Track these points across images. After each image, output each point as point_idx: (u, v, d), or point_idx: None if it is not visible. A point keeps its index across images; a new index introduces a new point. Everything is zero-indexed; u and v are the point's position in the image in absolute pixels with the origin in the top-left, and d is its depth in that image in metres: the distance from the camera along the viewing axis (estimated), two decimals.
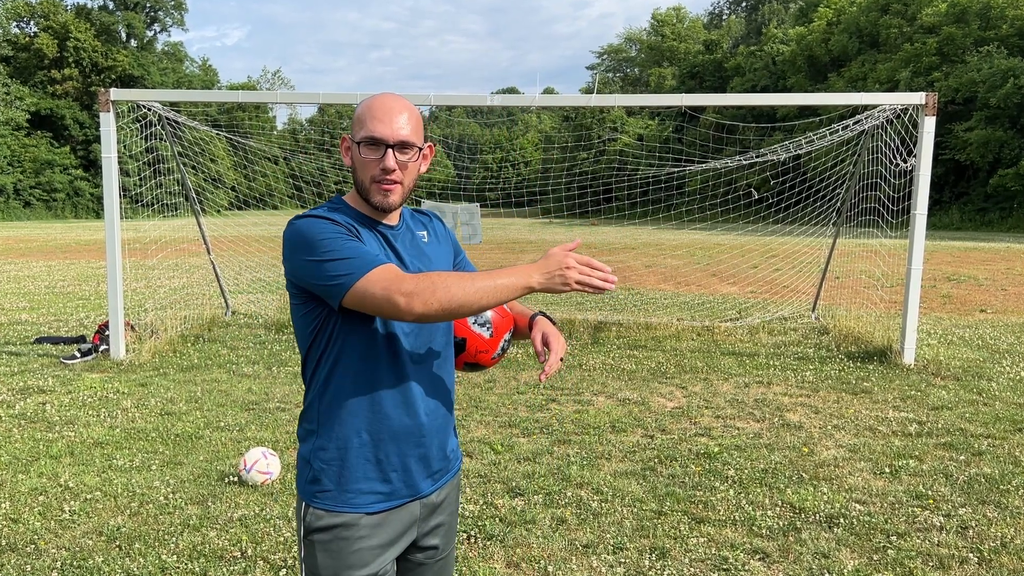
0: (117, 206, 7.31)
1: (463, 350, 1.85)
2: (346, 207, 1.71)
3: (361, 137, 1.63)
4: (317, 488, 1.67)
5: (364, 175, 1.65)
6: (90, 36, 52.33)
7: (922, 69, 34.59)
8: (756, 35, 57.66)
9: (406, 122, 1.64)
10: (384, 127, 1.62)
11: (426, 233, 1.82)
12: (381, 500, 1.67)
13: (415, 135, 1.66)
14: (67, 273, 15.61)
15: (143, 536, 3.61)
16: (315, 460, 1.68)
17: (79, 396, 6.08)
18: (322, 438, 1.68)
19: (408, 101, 1.69)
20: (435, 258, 1.79)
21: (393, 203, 1.67)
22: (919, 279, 7.27)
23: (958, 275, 14.45)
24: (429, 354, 1.72)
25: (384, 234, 1.71)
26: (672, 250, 19.44)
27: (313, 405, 1.71)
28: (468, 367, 1.89)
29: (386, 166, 1.62)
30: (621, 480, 4.32)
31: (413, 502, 1.72)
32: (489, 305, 1.53)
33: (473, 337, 1.85)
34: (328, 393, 1.67)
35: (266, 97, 11.22)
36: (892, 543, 3.54)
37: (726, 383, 6.63)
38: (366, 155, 1.63)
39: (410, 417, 1.68)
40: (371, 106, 1.64)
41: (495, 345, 1.87)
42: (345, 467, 1.65)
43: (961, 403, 5.94)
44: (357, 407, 1.65)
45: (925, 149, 7.09)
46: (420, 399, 1.70)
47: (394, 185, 1.65)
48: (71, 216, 47.61)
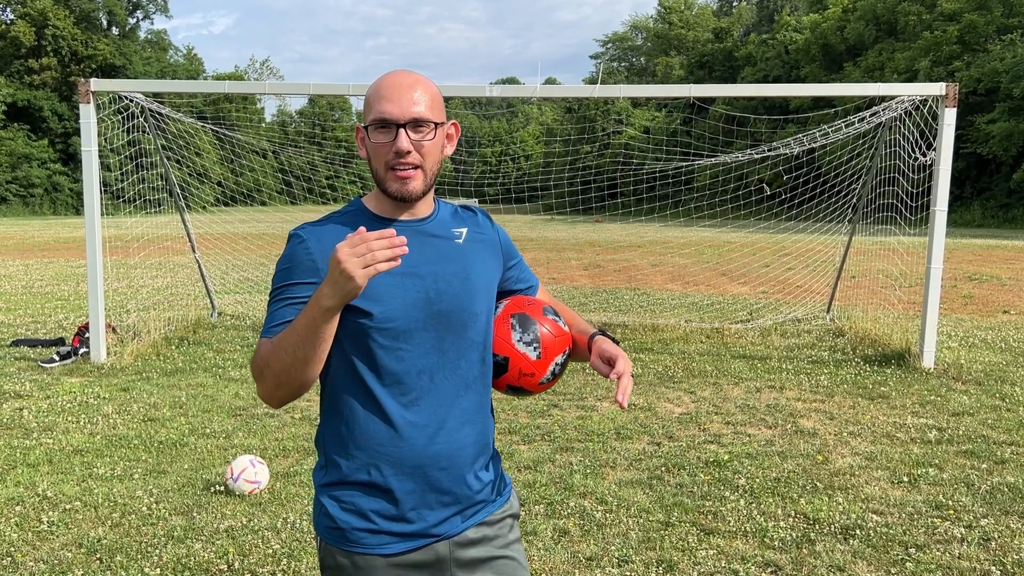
0: (98, 202, 7.31)
1: (505, 371, 1.68)
2: (357, 212, 1.62)
3: (371, 120, 1.53)
4: (328, 524, 1.59)
5: (378, 162, 1.55)
6: (69, 24, 52.35)
7: (942, 58, 34.61)
8: (768, 23, 57.68)
9: (419, 97, 1.53)
10: (393, 105, 1.51)
11: (464, 231, 1.68)
12: (398, 540, 1.57)
13: (431, 111, 1.54)
14: (45, 272, 15.61)
15: (125, 548, 3.61)
16: (324, 495, 1.60)
17: (58, 401, 6.08)
18: (330, 472, 1.60)
19: (422, 75, 1.58)
20: (469, 261, 1.65)
21: (413, 190, 1.55)
22: (939, 279, 7.27)
23: (980, 274, 14.45)
24: (456, 371, 1.60)
25: (415, 234, 1.60)
26: (680, 248, 19.44)
27: (321, 437, 1.64)
28: (512, 390, 1.72)
29: (399, 148, 1.51)
30: (626, 489, 4.33)
31: (439, 542, 1.60)
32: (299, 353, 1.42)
33: (517, 357, 1.67)
34: (332, 425, 1.60)
35: (254, 88, 11.23)
36: (911, 556, 3.54)
37: (736, 388, 6.63)
38: (377, 139, 1.53)
39: (429, 447, 1.56)
40: (379, 85, 1.55)
41: (543, 368, 1.68)
42: (356, 505, 1.57)
43: (983, 409, 5.94)
44: (365, 439, 1.56)
45: (945, 142, 7.09)
46: (443, 427, 1.58)
47: (412, 170, 1.54)
48: (49, 212, 47.61)
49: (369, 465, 1.56)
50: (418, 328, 1.55)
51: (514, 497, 1.77)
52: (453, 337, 1.59)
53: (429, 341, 1.57)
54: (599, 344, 1.69)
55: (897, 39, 39.13)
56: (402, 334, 1.54)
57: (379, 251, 1.33)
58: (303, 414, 5.77)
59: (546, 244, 21.68)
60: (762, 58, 49.00)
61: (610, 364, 1.63)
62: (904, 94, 7.65)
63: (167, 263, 11.47)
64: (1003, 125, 31.08)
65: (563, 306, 1.84)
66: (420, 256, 1.58)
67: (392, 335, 1.54)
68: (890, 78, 35.73)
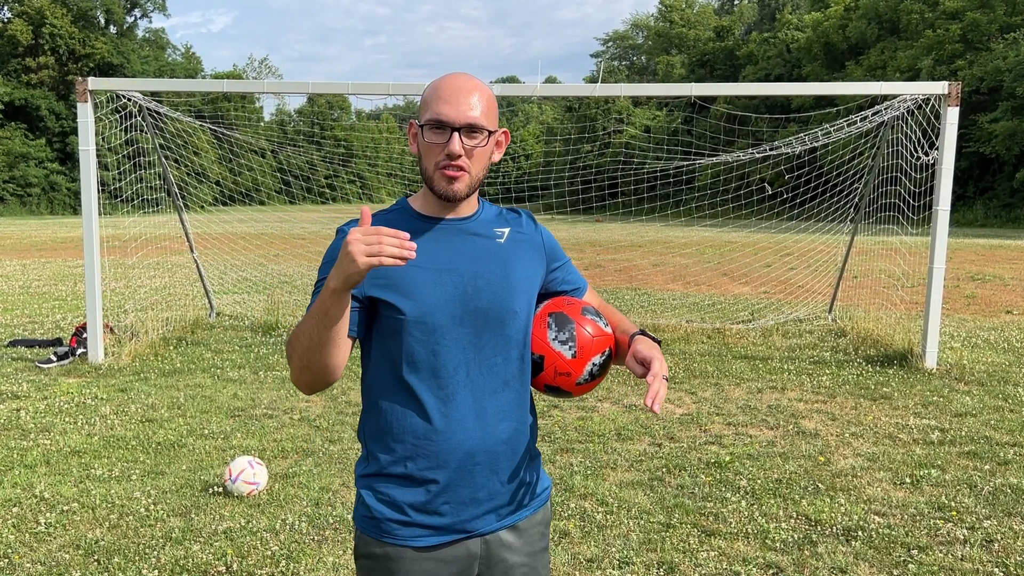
0: (95, 202, 7.31)
1: (541, 370, 1.69)
2: (402, 211, 1.68)
3: (426, 120, 1.58)
4: (364, 513, 1.64)
5: (428, 161, 1.60)
6: (67, 22, 52.32)
7: (945, 57, 34.60)
8: (770, 21, 57.69)
9: (476, 102, 1.58)
10: (450, 108, 1.56)
11: (507, 231, 1.72)
12: (431, 534, 1.60)
13: (486, 118, 1.59)
14: (42, 272, 15.62)
15: (122, 550, 3.61)
16: (361, 484, 1.66)
17: (55, 402, 6.08)
18: (369, 464, 1.65)
19: (479, 81, 1.62)
20: (509, 261, 1.68)
21: (458, 191, 1.60)
22: (942, 279, 7.27)
23: (983, 274, 14.45)
24: (492, 368, 1.63)
25: (448, 233, 1.65)
26: (681, 248, 19.45)
27: (361, 429, 1.69)
28: (550, 390, 1.72)
29: (451, 151, 1.56)
30: (627, 491, 4.33)
31: (471, 539, 1.63)
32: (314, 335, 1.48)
33: (552, 356, 1.67)
34: (372, 417, 1.65)
35: (253, 87, 11.22)
36: (913, 557, 3.54)
37: (738, 388, 6.63)
38: (430, 139, 1.58)
39: (465, 443, 1.59)
40: (438, 86, 1.60)
41: (579, 369, 1.67)
42: (391, 496, 1.60)
43: (986, 409, 5.94)
44: (401, 433, 1.60)
45: (948, 141, 7.09)
46: (479, 422, 1.61)
47: (460, 172, 1.59)
48: (47, 212, 47.60)
49: (405, 458, 1.60)
50: (454, 324, 1.59)
51: (549, 504, 1.79)
52: (490, 334, 1.62)
53: (466, 337, 1.60)
54: (636, 344, 1.68)
55: (899, 37, 39.12)
56: (438, 329, 1.58)
57: (387, 245, 1.36)
58: (302, 415, 5.77)
59: None
60: (764, 57, 48.98)
61: (644, 365, 1.62)
62: (906, 93, 7.65)
63: (165, 263, 11.48)
64: (1006, 124, 31.06)
65: (610, 308, 1.85)
66: (459, 253, 1.63)
67: (428, 330, 1.58)
68: (892, 77, 35.72)
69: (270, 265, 14.88)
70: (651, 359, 1.60)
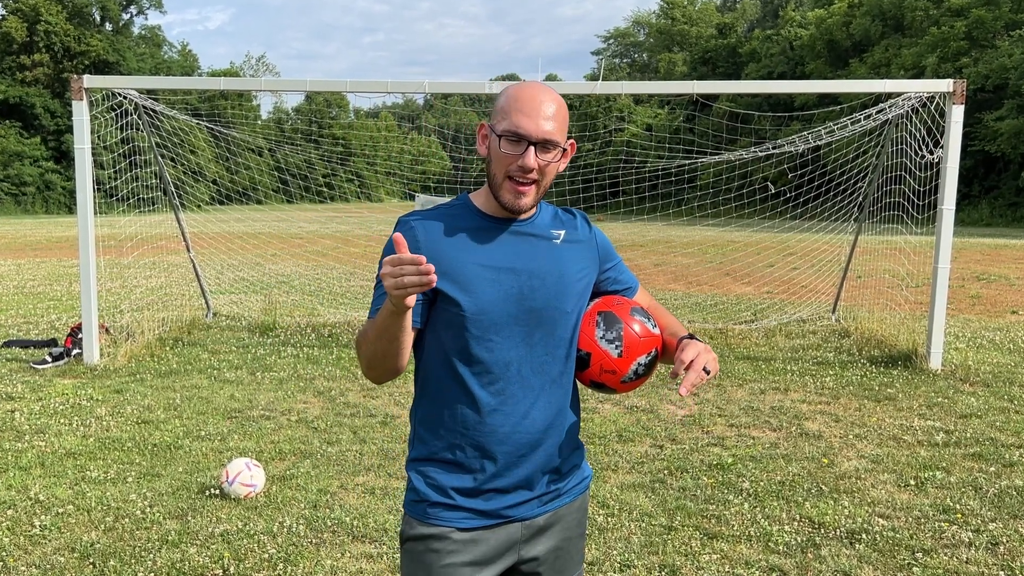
0: (91, 201, 7.31)
1: (587, 366, 1.76)
2: (463, 207, 1.72)
3: (503, 130, 1.61)
4: (413, 497, 1.72)
5: (498, 169, 1.64)
6: (62, 19, 52.30)
7: (950, 54, 34.60)
8: (772, 18, 57.67)
9: (553, 116, 1.62)
10: (530, 122, 1.60)
11: (563, 233, 1.78)
12: (474, 517, 1.68)
13: (560, 132, 1.63)
14: (37, 272, 15.62)
15: (118, 553, 3.61)
16: (410, 468, 1.74)
17: (50, 403, 6.09)
18: (418, 447, 1.73)
19: (556, 93, 1.65)
20: (564, 262, 1.74)
21: (525, 205, 1.66)
22: (946, 278, 7.27)
23: (988, 274, 14.45)
24: (542, 366, 1.70)
25: (509, 234, 1.70)
26: (683, 247, 19.45)
27: (415, 412, 1.77)
28: (595, 386, 1.79)
29: (525, 164, 1.60)
30: (628, 493, 4.33)
31: (512, 524, 1.71)
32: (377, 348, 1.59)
33: (598, 353, 1.74)
34: (424, 404, 1.73)
35: (250, 84, 11.25)
36: (917, 560, 3.55)
37: (740, 389, 6.64)
38: (506, 150, 1.61)
39: (512, 435, 1.67)
40: (518, 96, 1.63)
41: (625, 367, 1.74)
42: (439, 480, 1.69)
43: (991, 411, 5.94)
44: (451, 421, 1.68)
45: (953, 140, 7.09)
46: (526, 417, 1.68)
47: (530, 186, 1.64)
48: (41, 211, 47.60)
49: (454, 446, 1.68)
50: (509, 322, 1.66)
51: (588, 492, 1.88)
52: (542, 333, 1.69)
53: (519, 335, 1.67)
54: (683, 345, 1.70)
55: (904, 35, 39.12)
56: (493, 326, 1.65)
57: (407, 276, 1.40)
58: (299, 416, 5.77)
59: None
60: (766, 54, 48.97)
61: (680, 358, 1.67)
62: (911, 91, 7.66)
63: (161, 263, 11.47)
64: (1012, 122, 31.05)
65: (661, 309, 1.91)
66: (517, 254, 1.69)
67: (483, 326, 1.64)
68: (897, 74, 35.73)
69: (267, 265, 14.89)
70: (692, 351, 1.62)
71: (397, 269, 1.41)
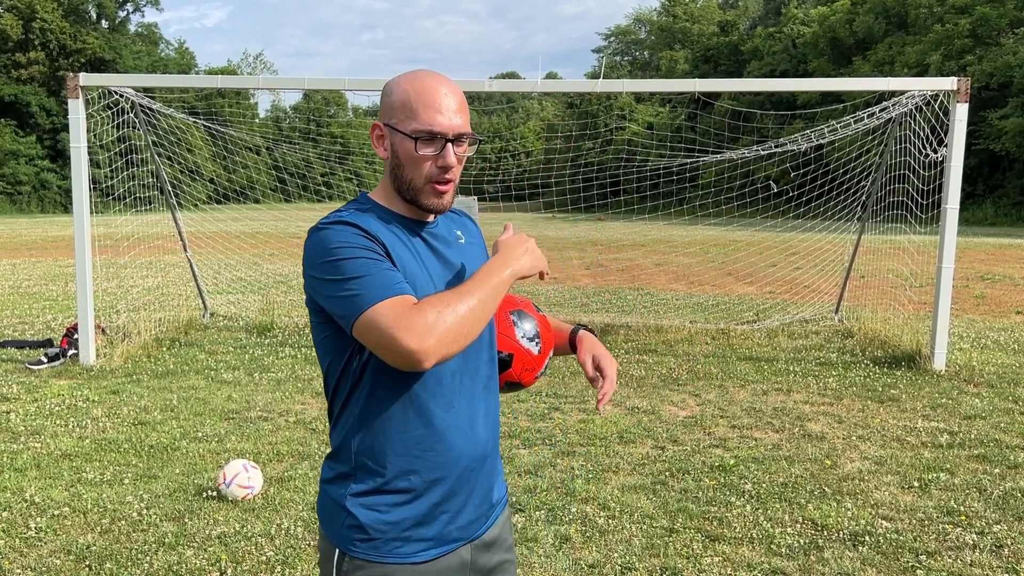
0: (87, 200, 7.31)
1: (508, 367, 1.73)
2: (377, 208, 1.60)
3: (415, 130, 1.52)
4: (359, 535, 1.56)
5: (415, 173, 1.55)
6: (58, 16, 52.32)
7: (954, 52, 34.61)
8: (775, 15, 57.67)
9: (460, 107, 1.55)
10: (443, 118, 1.52)
11: (461, 233, 1.73)
12: (430, 547, 1.58)
13: (467, 122, 1.57)
14: (33, 272, 15.62)
15: (115, 555, 3.61)
16: (352, 504, 1.57)
17: (46, 404, 6.08)
18: (361, 482, 1.58)
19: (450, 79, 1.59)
20: (474, 262, 1.69)
21: (447, 204, 1.59)
22: (950, 278, 7.27)
23: (992, 274, 14.46)
24: (476, 372, 1.63)
25: (426, 238, 1.62)
26: (684, 247, 19.45)
27: (347, 445, 1.59)
28: (508, 387, 1.78)
29: (447, 163, 1.53)
30: (630, 495, 4.33)
31: (464, 546, 1.64)
32: (488, 312, 1.48)
33: (521, 353, 1.72)
34: (366, 432, 1.57)
35: (247, 83, 11.25)
36: (921, 563, 3.55)
37: (743, 390, 6.64)
38: (423, 151, 1.53)
39: (465, 449, 1.60)
40: (420, 91, 1.53)
41: (541, 363, 1.76)
42: (390, 513, 1.56)
43: (996, 412, 5.94)
44: (402, 446, 1.55)
45: (957, 138, 7.09)
46: (472, 428, 1.61)
47: (450, 185, 1.58)
48: (37, 210, 47.61)
49: (409, 472, 1.56)
50: None
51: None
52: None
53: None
54: (586, 341, 1.82)
55: (907, 32, 39.13)
56: None
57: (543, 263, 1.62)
58: (297, 418, 5.77)
59: (547, 243, 21.68)
60: (769, 52, 49.00)
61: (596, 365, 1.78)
62: (915, 89, 7.65)
63: (158, 262, 11.47)
64: (1016, 121, 31.06)
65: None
66: (440, 256, 1.63)
67: None
68: (900, 72, 35.74)
69: (265, 265, 14.88)
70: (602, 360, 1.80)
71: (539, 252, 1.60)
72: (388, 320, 1.40)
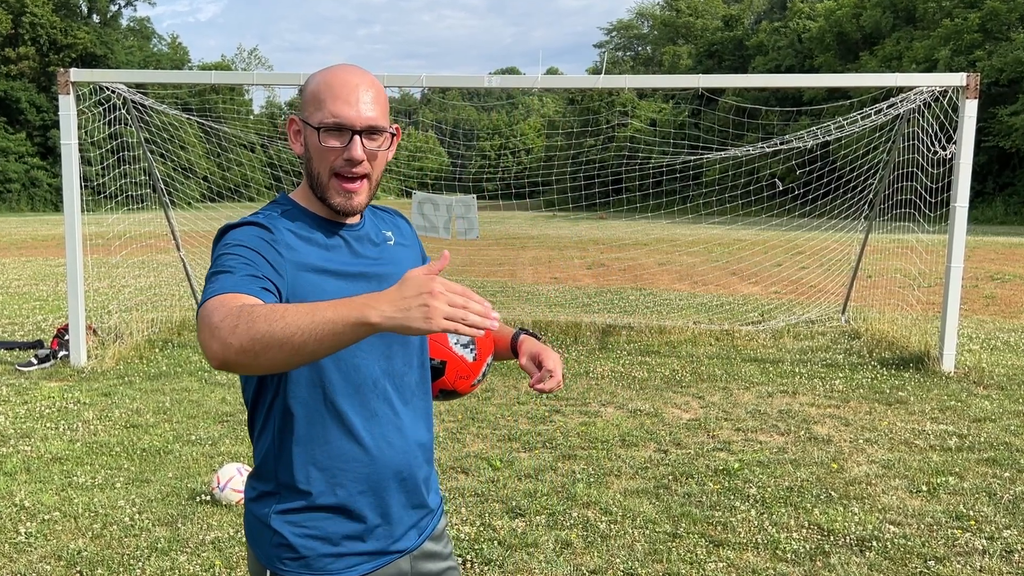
0: (78, 198, 7.31)
1: (441, 375, 1.74)
2: (295, 209, 1.57)
3: (320, 121, 1.48)
4: (287, 555, 1.53)
5: (322, 166, 1.51)
6: (48, 11, 52.30)
7: (963, 47, 34.60)
8: (780, 10, 57.68)
9: (374, 100, 1.50)
10: (349, 108, 1.48)
11: (391, 234, 1.70)
12: (364, 561, 1.56)
13: (384, 116, 1.52)
14: (23, 272, 15.62)
15: (106, 561, 3.61)
16: (278, 523, 1.54)
17: (36, 407, 6.09)
18: (285, 499, 1.54)
19: (371, 74, 1.54)
20: (403, 265, 1.66)
21: (358, 205, 1.54)
22: (959, 278, 7.27)
23: (1002, 274, 14.46)
24: (403, 378, 1.62)
25: (347, 238, 1.59)
26: (688, 246, 19.45)
27: (267, 462, 1.56)
28: (443, 395, 1.78)
29: (353, 156, 1.49)
30: (632, 499, 4.33)
31: (401, 558, 1.62)
32: (305, 348, 1.21)
33: (454, 360, 1.73)
34: (287, 447, 1.53)
35: (242, 78, 11.25)
36: (930, 568, 3.55)
37: (747, 392, 6.64)
38: (328, 143, 1.49)
39: (392, 460, 1.58)
40: (330, 83, 1.50)
41: (477, 370, 1.76)
42: (317, 528, 1.54)
43: (1006, 414, 5.95)
44: (326, 459, 1.53)
45: (966, 135, 7.09)
46: (398, 437, 1.60)
47: (360, 182, 1.52)
48: (27, 209, 47.62)
49: (335, 486, 1.54)
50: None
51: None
52: (398, 344, 1.61)
53: (379, 348, 1.58)
54: (525, 345, 1.80)
55: (916, 27, 39.13)
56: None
57: (472, 315, 1.19)
58: None
59: (547, 242, 21.68)
60: (774, 47, 48.99)
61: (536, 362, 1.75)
62: (923, 85, 7.65)
63: (150, 262, 11.46)
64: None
65: None
66: (363, 259, 1.59)
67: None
68: (908, 68, 35.72)
69: None
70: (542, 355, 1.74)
71: (461, 300, 1.19)
72: (206, 314, 1.27)
